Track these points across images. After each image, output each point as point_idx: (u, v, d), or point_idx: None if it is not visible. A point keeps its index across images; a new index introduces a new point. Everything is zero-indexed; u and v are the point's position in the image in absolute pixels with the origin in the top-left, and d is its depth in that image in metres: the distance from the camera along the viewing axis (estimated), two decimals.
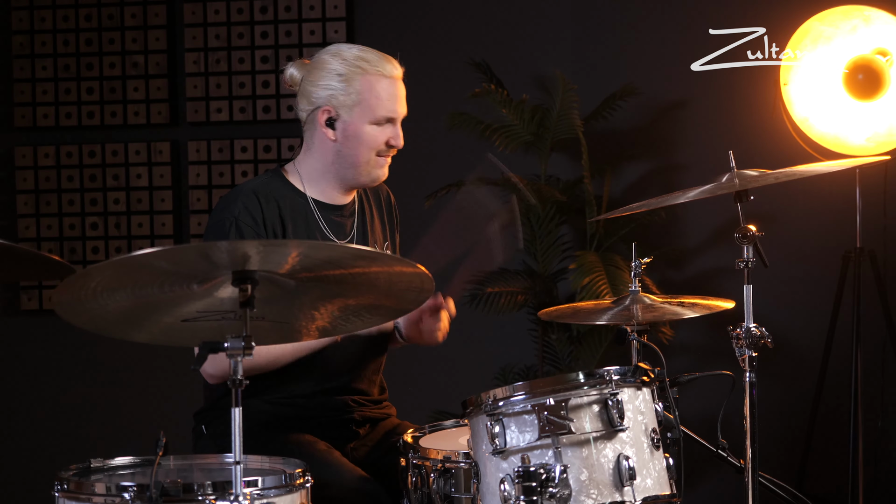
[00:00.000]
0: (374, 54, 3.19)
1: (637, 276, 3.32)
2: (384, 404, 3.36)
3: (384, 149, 3.19)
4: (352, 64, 3.16)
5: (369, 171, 3.20)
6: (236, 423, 2.34)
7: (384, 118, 3.17)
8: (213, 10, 5.31)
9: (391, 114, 3.18)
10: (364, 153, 3.17)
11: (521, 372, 5.00)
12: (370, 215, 3.33)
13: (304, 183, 3.21)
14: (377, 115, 3.16)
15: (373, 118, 3.16)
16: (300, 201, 3.20)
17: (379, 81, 3.16)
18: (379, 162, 3.20)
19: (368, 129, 3.16)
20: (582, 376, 2.68)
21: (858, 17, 4.53)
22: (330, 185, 3.22)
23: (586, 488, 2.61)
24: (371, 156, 3.18)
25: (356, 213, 3.29)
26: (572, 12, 5.17)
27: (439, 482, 2.84)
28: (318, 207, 3.21)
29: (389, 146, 3.19)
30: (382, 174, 3.23)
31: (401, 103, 3.20)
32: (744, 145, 4.76)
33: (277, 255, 2.35)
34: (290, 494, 2.58)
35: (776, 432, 4.91)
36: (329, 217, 3.22)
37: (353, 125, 3.16)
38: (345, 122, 3.16)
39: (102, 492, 2.53)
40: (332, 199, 3.24)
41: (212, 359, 2.72)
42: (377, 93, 3.15)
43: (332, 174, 3.20)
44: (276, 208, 3.15)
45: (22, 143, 5.42)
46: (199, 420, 3.28)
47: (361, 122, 3.16)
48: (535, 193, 4.84)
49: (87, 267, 2.35)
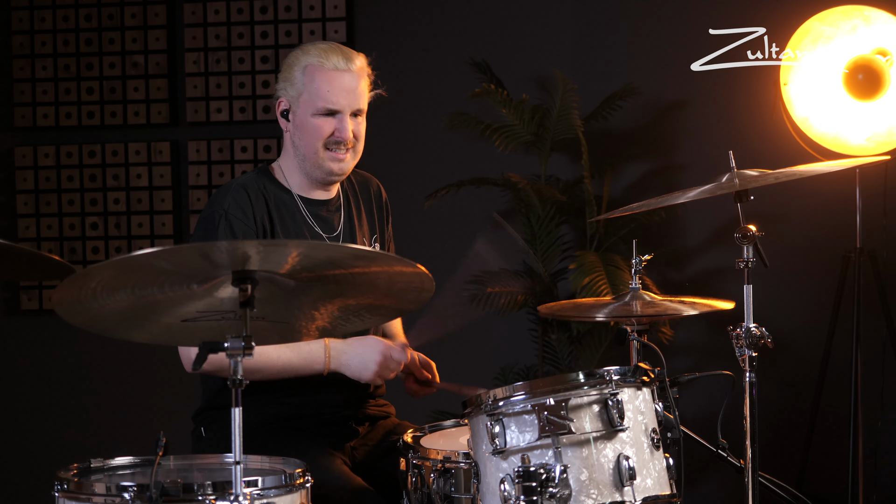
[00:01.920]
0: (326, 46, 3.21)
1: (637, 272, 3.33)
2: (382, 402, 3.36)
3: (332, 141, 3.18)
4: (301, 57, 3.19)
5: (321, 164, 3.20)
6: (236, 423, 2.34)
7: (325, 109, 3.18)
8: (213, 10, 5.31)
9: (332, 105, 3.18)
10: (311, 144, 3.18)
11: (521, 372, 5.00)
12: (357, 209, 3.34)
13: (287, 179, 3.24)
14: (318, 106, 3.17)
15: (314, 109, 3.17)
16: (286, 197, 3.22)
17: (321, 73, 3.17)
18: (330, 155, 3.19)
19: (312, 121, 3.18)
20: (582, 376, 2.68)
21: (858, 17, 4.53)
22: (304, 180, 3.24)
23: (586, 488, 2.61)
24: (318, 147, 3.18)
25: (342, 208, 3.30)
26: (572, 12, 5.17)
27: (439, 482, 2.84)
28: (304, 203, 3.23)
29: (336, 139, 3.18)
30: (338, 168, 3.20)
31: (346, 96, 3.18)
32: (744, 145, 4.76)
33: (277, 255, 2.35)
34: (290, 494, 2.58)
35: (776, 432, 4.91)
36: (316, 213, 3.24)
37: (300, 116, 3.19)
38: (294, 112, 3.20)
39: (102, 492, 2.53)
40: (314, 195, 3.26)
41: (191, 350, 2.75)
42: (317, 84, 3.16)
43: (299, 169, 3.23)
44: (264, 204, 3.17)
45: (22, 143, 5.42)
46: (197, 422, 3.28)
47: (306, 113, 3.18)
48: (536, 193, 4.84)
49: (87, 267, 2.35)
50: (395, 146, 5.25)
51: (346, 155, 3.20)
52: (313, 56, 3.19)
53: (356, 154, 3.24)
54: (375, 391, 3.35)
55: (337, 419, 3.23)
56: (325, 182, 3.24)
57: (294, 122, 3.21)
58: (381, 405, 3.35)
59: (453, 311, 3.34)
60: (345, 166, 3.22)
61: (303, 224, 3.22)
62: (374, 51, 3.42)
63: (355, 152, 3.23)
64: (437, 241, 5.18)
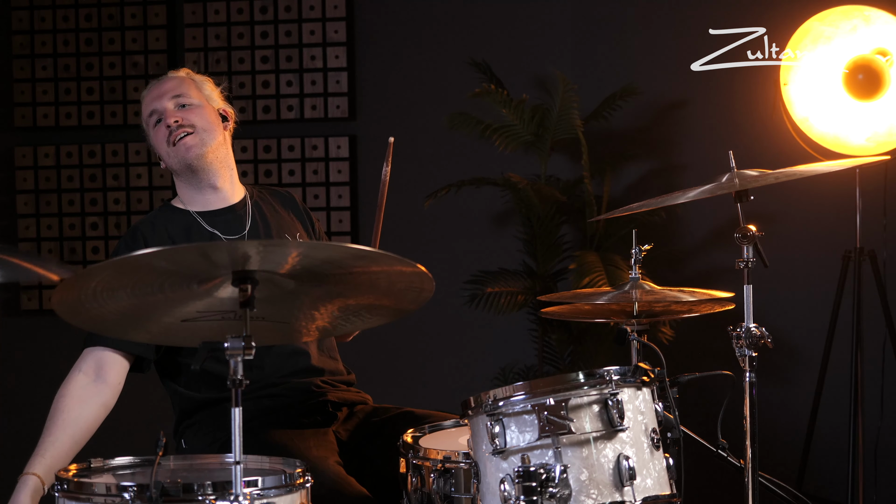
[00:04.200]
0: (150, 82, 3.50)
1: (637, 262, 3.33)
2: (354, 390, 3.43)
3: (168, 134, 3.36)
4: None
5: (179, 160, 3.37)
6: (236, 423, 2.34)
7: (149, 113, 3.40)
8: (213, 10, 5.31)
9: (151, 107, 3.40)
10: (162, 150, 3.39)
11: (521, 372, 5.00)
12: (270, 209, 3.48)
13: (186, 203, 3.42)
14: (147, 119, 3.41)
15: (147, 123, 3.41)
16: (187, 219, 3.38)
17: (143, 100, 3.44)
18: (174, 149, 3.36)
19: (153, 134, 3.41)
20: (582, 376, 2.68)
21: (858, 17, 4.53)
22: (196, 193, 3.41)
23: (586, 488, 2.61)
24: (167, 148, 3.38)
25: (250, 208, 3.43)
26: (572, 12, 5.17)
27: (439, 482, 2.84)
28: (204, 217, 3.38)
29: (169, 128, 3.36)
30: (186, 150, 3.36)
31: (158, 96, 3.40)
32: (744, 145, 4.76)
33: (277, 255, 2.35)
34: (290, 494, 2.58)
35: (776, 432, 4.91)
36: (222, 221, 3.38)
37: (150, 141, 3.43)
38: (150, 144, 3.44)
39: (102, 492, 2.53)
40: (213, 206, 3.41)
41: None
42: (143, 108, 3.44)
43: (185, 185, 3.41)
44: (164, 232, 3.34)
45: (22, 143, 5.42)
46: (177, 436, 3.33)
47: (150, 133, 3.42)
48: (536, 193, 4.84)
49: (87, 267, 2.35)
50: (396, 146, 5.25)
51: (186, 138, 3.35)
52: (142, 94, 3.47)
53: (202, 135, 3.38)
54: (348, 376, 3.44)
55: (315, 405, 3.30)
56: (193, 169, 3.37)
57: (153, 148, 3.44)
58: (354, 392, 3.39)
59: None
60: (191, 147, 3.37)
61: (204, 238, 3.35)
62: (374, 51, 3.43)
63: (198, 134, 3.38)
64: (437, 241, 5.18)
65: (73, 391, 3.17)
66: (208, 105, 3.41)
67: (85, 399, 3.16)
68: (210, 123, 3.39)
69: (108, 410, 3.21)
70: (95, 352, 3.22)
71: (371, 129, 5.28)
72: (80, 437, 3.13)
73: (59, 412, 3.14)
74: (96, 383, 3.19)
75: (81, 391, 3.17)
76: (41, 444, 3.09)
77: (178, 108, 3.37)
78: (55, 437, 3.10)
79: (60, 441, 3.09)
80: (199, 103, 3.40)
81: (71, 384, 3.18)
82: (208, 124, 3.38)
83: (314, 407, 3.29)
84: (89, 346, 3.24)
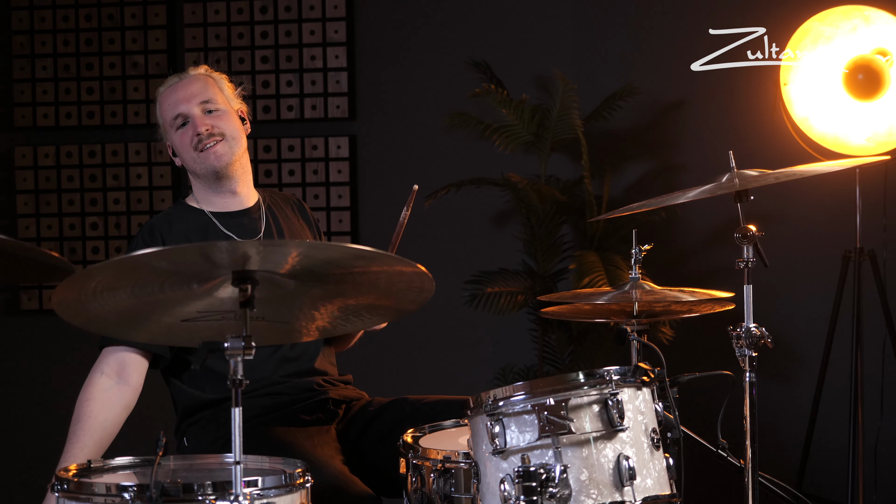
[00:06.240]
0: (168, 77, 3.45)
1: (637, 262, 3.33)
2: (351, 388, 3.45)
3: (196, 142, 3.34)
4: (156, 98, 3.45)
5: (203, 164, 3.34)
6: (236, 423, 2.34)
7: (175, 116, 3.36)
8: (213, 10, 5.31)
9: (177, 110, 3.36)
10: (187, 155, 3.36)
11: (521, 372, 5.00)
12: (283, 214, 3.47)
13: (200, 203, 3.40)
14: (171, 121, 3.37)
15: (171, 125, 3.37)
16: (202, 219, 3.37)
17: (163, 95, 3.40)
18: (204, 154, 3.34)
19: (177, 138, 3.37)
20: (582, 376, 2.68)
21: (858, 17, 4.53)
22: (214, 195, 3.39)
23: (586, 488, 2.61)
24: (193, 154, 3.35)
25: (264, 213, 3.43)
26: (572, 12, 5.17)
27: (439, 482, 2.84)
28: (219, 218, 3.37)
29: (199, 136, 3.33)
30: (215, 159, 3.34)
31: (186, 98, 3.36)
32: (744, 145, 4.76)
33: (277, 255, 2.35)
34: (290, 494, 2.57)
35: (776, 432, 4.91)
36: (237, 223, 3.37)
37: (172, 142, 3.39)
38: (171, 143, 3.39)
39: (102, 492, 2.53)
40: (228, 207, 3.40)
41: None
42: (165, 105, 3.39)
43: (202, 186, 3.39)
44: (181, 231, 3.33)
45: (22, 143, 5.42)
46: (179, 434, 3.33)
47: (173, 135, 3.38)
48: (536, 193, 4.84)
49: (87, 267, 2.35)
50: (396, 146, 5.26)
51: (216, 146, 3.34)
52: (159, 90, 3.43)
53: (230, 143, 3.37)
54: (343, 377, 3.46)
55: (316, 402, 3.31)
56: (220, 176, 3.36)
57: (174, 150, 3.40)
58: (351, 390, 3.41)
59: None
60: (221, 155, 3.35)
61: (223, 237, 3.34)
62: (374, 51, 3.44)
63: (227, 142, 3.36)
64: (437, 241, 5.18)
65: (97, 394, 3.17)
66: (232, 109, 3.41)
67: (109, 403, 3.16)
68: (237, 130, 3.38)
69: (129, 412, 3.22)
70: (115, 352, 3.21)
71: (371, 129, 5.28)
72: (106, 441, 3.14)
73: (85, 417, 3.14)
74: (119, 385, 3.19)
75: (105, 394, 3.17)
76: (69, 450, 3.09)
77: (206, 113, 3.36)
78: (83, 444, 3.10)
79: (88, 447, 3.09)
80: (225, 109, 3.39)
81: (94, 387, 3.18)
82: (235, 131, 3.38)
83: (316, 405, 3.30)
84: (108, 346, 3.21)
